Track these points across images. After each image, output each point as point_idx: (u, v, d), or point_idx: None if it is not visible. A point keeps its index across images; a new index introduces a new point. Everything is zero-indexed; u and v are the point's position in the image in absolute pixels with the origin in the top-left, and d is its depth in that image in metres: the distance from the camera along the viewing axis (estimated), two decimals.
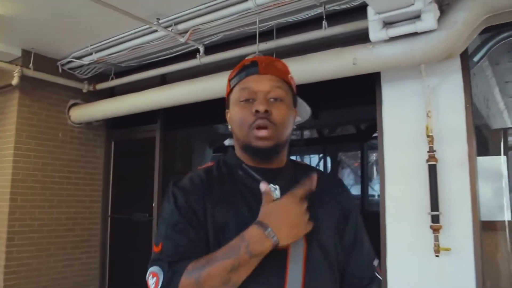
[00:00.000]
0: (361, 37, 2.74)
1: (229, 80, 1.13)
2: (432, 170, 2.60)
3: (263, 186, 0.98)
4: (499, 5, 2.35)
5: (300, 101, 1.17)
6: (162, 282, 0.92)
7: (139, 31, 3.66)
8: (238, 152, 1.11)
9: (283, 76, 1.09)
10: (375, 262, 1.12)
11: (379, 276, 1.11)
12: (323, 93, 3.34)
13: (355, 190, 3.74)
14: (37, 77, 4.22)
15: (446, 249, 2.52)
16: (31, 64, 4.16)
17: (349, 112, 3.73)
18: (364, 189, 3.70)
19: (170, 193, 1.05)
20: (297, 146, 4.04)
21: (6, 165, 4.08)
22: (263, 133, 1.02)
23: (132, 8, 3.24)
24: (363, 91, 3.18)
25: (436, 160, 2.60)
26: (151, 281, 0.96)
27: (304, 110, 1.20)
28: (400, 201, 2.80)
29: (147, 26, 3.51)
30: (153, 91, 3.94)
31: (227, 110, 1.14)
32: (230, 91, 1.12)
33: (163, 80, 4.33)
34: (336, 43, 2.97)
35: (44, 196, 4.25)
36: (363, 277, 1.09)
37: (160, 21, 3.42)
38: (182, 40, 3.51)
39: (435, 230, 2.55)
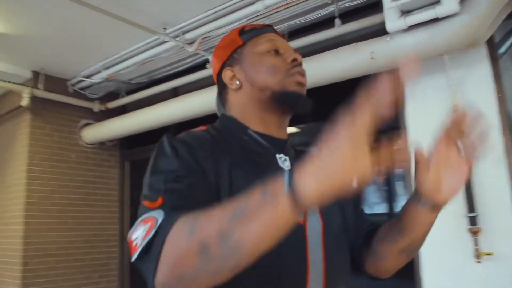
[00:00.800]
0: (378, 33, 2.57)
1: (237, 33, 1.03)
2: None
3: None
4: None
5: None
6: (156, 228, 0.69)
7: (146, 44, 3.57)
8: (247, 113, 0.97)
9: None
10: None
11: None
12: (340, 96, 3.16)
13: (381, 208, 3.49)
14: (48, 97, 4.16)
15: (488, 254, 2.28)
16: (41, 85, 4.12)
17: None
18: (391, 205, 3.46)
19: (167, 145, 0.84)
20: None
21: (19, 188, 4.00)
22: (303, 79, 0.97)
23: (138, 18, 3.15)
24: None
25: None
26: (140, 229, 0.71)
27: None
28: None
29: (155, 37, 3.42)
30: (164, 104, 3.83)
31: (228, 68, 1.01)
32: (240, 45, 1.01)
33: (175, 94, 4.22)
34: (351, 42, 2.80)
35: (61, 218, 4.14)
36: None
37: (167, 31, 3.32)
38: (191, 50, 3.40)
39: (474, 233, 2.32)
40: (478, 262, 2.29)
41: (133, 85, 4.40)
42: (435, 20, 2.23)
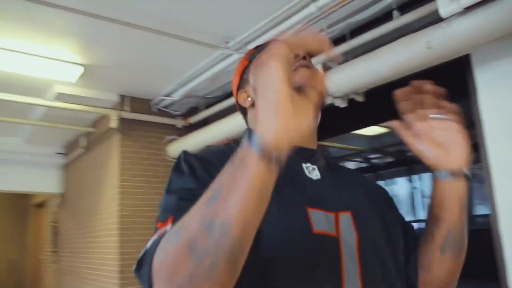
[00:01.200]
0: (434, 23, 2.37)
1: (245, 57, 1.02)
2: None
3: None
4: None
5: None
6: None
7: (213, 59, 3.70)
8: None
9: None
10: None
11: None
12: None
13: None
14: (134, 118, 4.51)
15: None
16: (127, 107, 4.48)
17: None
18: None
19: (183, 162, 0.82)
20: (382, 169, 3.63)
21: (113, 203, 4.37)
22: (324, 89, 0.92)
23: (201, 37, 3.30)
24: (449, 85, 2.74)
25: None
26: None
27: None
28: None
29: (220, 52, 3.54)
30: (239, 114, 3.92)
31: (242, 90, 1.00)
32: (247, 65, 1.00)
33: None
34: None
35: (152, 230, 4.42)
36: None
37: (229, 44, 3.41)
38: None
39: None
40: None
41: (212, 99, 4.57)
42: None
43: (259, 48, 1.00)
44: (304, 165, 0.90)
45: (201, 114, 4.63)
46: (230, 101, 4.17)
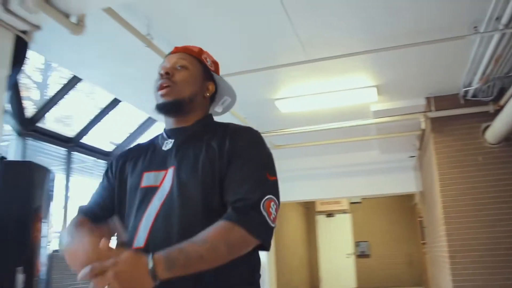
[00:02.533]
0: None
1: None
2: None
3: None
4: None
5: (222, 81, 1.39)
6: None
7: (478, 44, 3.71)
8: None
9: (194, 54, 1.34)
10: (257, 193, 1.10)
11: (260, 206, 1.08)
12: None
13: None
14: (441, 115, 4.86)
15: None
16: (433, 107, 4.89)
17: None
18: None
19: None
20: None
21: (437, 195, 4.81)
22: (162, 91, 1.25)
23: (451, 32, 3.50)
24: None
25: None
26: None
27: (228, 90, 1.41)
28: None
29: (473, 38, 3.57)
30: None
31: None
32: None
33: None
34: None
35: (477, 217, 4.57)
36: (234, 192, 1.12)
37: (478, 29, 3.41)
38: None
39: None
40: None
41: None
42: None
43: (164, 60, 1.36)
44: (165, 141, 1.28)
45: (507, 94, 4.45)
46: None
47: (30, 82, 5.90)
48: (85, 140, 5.29)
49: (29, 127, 4.49)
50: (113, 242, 1.22)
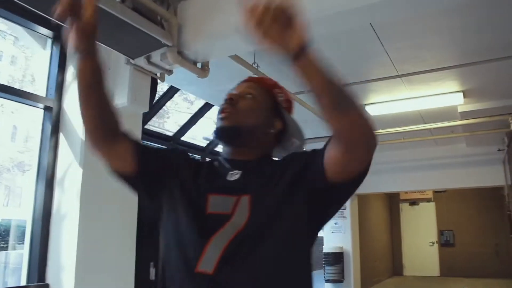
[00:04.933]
0: None
1: None
2: None
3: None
4: None
5: (294, 123, 1.25)
6: None
7: None
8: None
9: (266, 86, 1.25)
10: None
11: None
12: None
13: None
14: None
15: None
16: None
17: None
18: None
19: None
20: None
21: None
22: (222, 114, 1.15)
23: None
24: None
25: None
26: None
27: (297, 132, 1.26)
28: None
29: None
30: None
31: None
32: None
33: None
34: None
35: None
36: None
37: None
38: None
39: None
40: None
41: None
42: None
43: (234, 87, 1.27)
44: (230, 172, 1.13)
45: None
46: None
47: None
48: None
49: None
50: None
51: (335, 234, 8.61)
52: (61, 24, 1.02)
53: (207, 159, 1.30)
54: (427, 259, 11.61)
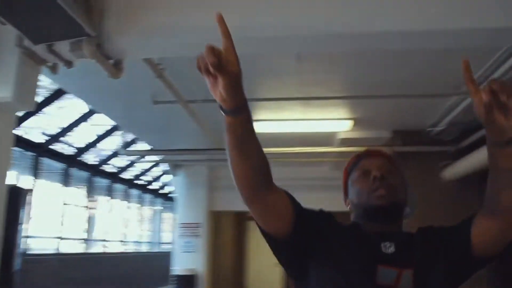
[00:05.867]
0: None
1: (345, 170, 1.36)
2: None
3: None
4: None
5: (409, 192, 1.29)
6: None
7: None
8: (358, 220, 1.27)
9: (391, 159, 1.31)
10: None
11: None
12: None
13: None
14: (406, 150, 5.12)
15: None
16: (399, 141, 5.15)
17: None
18: None
19: None
20: None
21: None
22: (381, 191, 1.18)
23: (441, 88, 3.71)
24: None
25: None
26: None
27: (413, 200, 1.33)
28: None
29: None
30: None
31: (345, 197, 1.34)
32: (347, 178, 1.34)
33: None
34: None
35: None
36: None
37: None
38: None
39: None
40: None
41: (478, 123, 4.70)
42: None
43: (354, 164, 1.30)
44: (382, 244, 1.15)
45: (471, 137, 4.79)
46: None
47: None
48: None
49: None
50: None
51: (187, 254, 7.89)
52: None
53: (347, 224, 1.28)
54: (270, 280, 11.65)
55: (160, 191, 13.70)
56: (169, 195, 12.87)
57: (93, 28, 2.14)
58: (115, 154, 8.97)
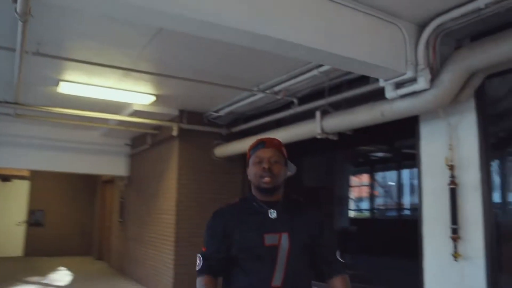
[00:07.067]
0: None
1: (249, 151, 1.93)
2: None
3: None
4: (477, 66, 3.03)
5: (289, 163, 1.95)
6: (199, 266, 1.82)
7: (250, 96, 5.10)
8: (253, 191, 1.90)
9: (279, 148, 1.90)
10: (337, 253, 1.91)
11: (340, 259, 1.90)
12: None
13: None
14: (190, 128, 6.01)
15: None
16: (185, 120, 5.99)
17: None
18: None
19: (208, 221, 1.91)
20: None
21: (172, 191, 5.98)
22: (266, 180, 1.82)
23: (239, 83, 4.70)
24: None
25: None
26: (198, 261, 1.84)
27: (292, 167, 1.97)
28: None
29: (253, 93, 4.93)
30: (271, 132, 5.20)
31: (247, 168, 1.93)
32: (249, 157, 1.92)
33: (279, 123, 5.56)
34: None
35: (200, 212, 5.89)
36: (328, 260, 1.89)
37: (260, 87, 4.78)
38: (279, 97, 4.81)
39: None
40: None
41: (250, 114, 5.94)
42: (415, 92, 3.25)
43: (254, 149, 1.88)
44: (269, 211, 1.84)
45: (240, 126, 6.04)
46: (263, 120, 5.53)
47: None
48: None
49: None
50: None
51: None
52: None
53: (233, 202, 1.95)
54: (11, 239, 10.92)
55: None
56: None
57: None
58: None
